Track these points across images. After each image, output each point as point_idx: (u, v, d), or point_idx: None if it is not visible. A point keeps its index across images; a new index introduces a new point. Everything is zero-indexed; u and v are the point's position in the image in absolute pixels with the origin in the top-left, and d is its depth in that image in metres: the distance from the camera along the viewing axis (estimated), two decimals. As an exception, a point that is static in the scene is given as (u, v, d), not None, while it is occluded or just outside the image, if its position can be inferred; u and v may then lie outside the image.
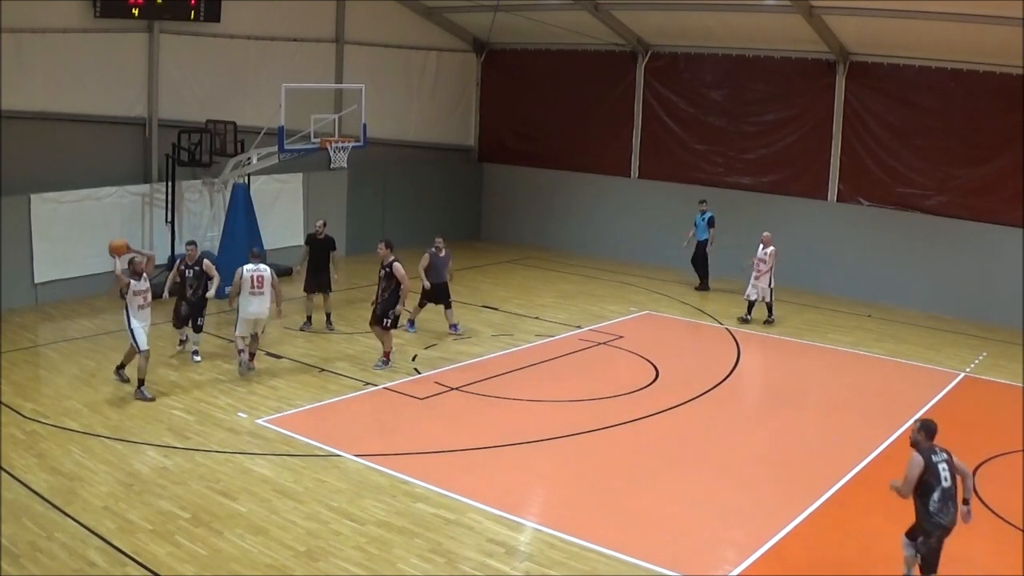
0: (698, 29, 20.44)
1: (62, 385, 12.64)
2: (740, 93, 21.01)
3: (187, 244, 14.22)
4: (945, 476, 7.62)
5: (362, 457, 10.47)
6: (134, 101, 18.29)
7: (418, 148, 23.99)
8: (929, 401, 13.17)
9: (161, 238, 18.22)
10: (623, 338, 15.89)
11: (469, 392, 12.91)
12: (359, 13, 21.88)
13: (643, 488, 10.06)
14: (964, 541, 8.89)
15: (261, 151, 17.49)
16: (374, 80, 20.73)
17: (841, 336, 16.45)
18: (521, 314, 17.34)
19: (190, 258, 13.77)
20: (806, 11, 17.80)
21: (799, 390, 13.94)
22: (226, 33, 19.22)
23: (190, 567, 7.96)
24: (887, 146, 19.26)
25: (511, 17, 21.09)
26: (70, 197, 16.99)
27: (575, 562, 8.34)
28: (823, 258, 19.84)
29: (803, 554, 8.73)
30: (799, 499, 9.74)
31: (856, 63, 19.47)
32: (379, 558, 8.29)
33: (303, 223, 20.79)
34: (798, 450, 11.47)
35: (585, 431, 11.55)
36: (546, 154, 23.87)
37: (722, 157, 21.40)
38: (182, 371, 13.35)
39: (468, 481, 9.95)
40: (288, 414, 11.81)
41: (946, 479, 7.61)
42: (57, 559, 7.99)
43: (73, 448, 10.43)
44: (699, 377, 13.79)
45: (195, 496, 9.34)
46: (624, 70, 22.60)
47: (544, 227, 23.98)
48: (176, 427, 11.21)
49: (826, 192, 20.13)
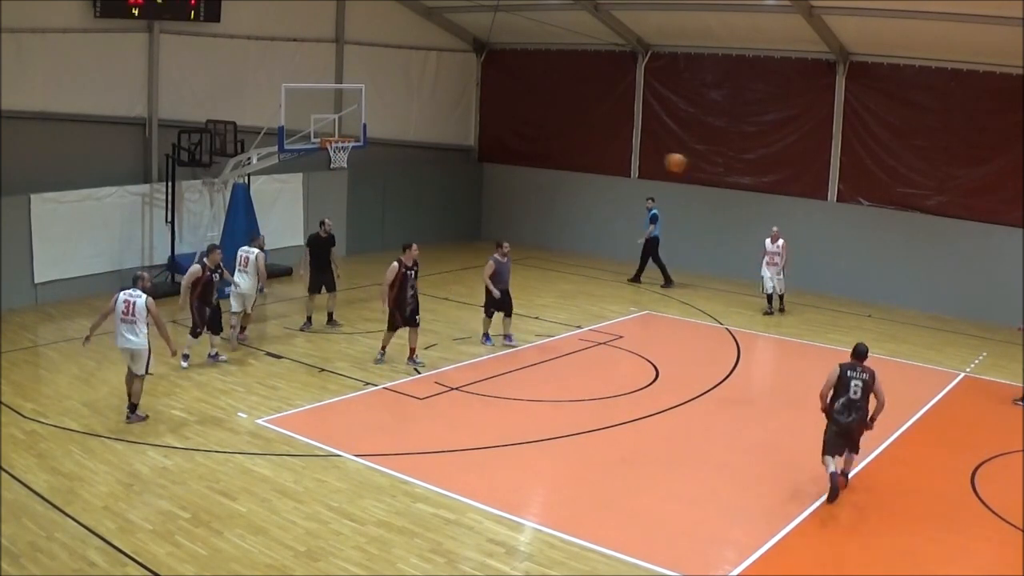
0: (698, 29, 20.44)
1: (62, 385, 12.64)
2: (740, 93, 21.01)
3: (212, 248, 13.69)
4: (855, 390, 9.88)
5: (362, 457, 10.47)
6: (134, 101, 18.29)
7: (418, 148, 23.99)
8: (929, 401, 13.17)
9: (161, 238, 18.22)
10: (623, 338, 15.89)
11: (469, 392, 12.91)
12: (359, 13, 21.88)
13: (643, 488, 10.06)
14: (964, 541, 8.90)
15: (261, 151, 17.48)
16: (374, 80, 20.73)
17: (841, 336, 16.44)
18: (521, 314, 17.29)
19: (213, 262, 13.39)
20: (806, 11, 17.79)
21: (799, 390, 13.91)
22: (226, 33, 19.22)
23: (190, 567, 7.96)
24: (887, 146, 19.26)
25: (511, 17, 21.09)
26: (70, 197, 16.99)
27: (575, 562, 8.34)
28: (823, 258, 19.83)
29: (803, 554, 8.73)
30: (799, 499, 9.74)
31: (856, 63, 19.47)
32: (379, 558, 8.29)
33: (303, 223, 20.79)
34: (798, 450, 11.45)
35: (585, 431, 11.55)
36: (546, 154, 23.87)
37: (722, 157, 21.40)
38: (182, 371, 13.35)
39: (468, 481, 9.95)
40: (288, 414, 11.81)
41: (855, 392, 9.87)
42: (57, 559, 7.99)
43: (73, 448, 10.43)
44: (699, 377, 13.79)
45: (195, 496, 9.34)
46: (624, 70, 22.60)
47: (544, 227, 23.97)
48: (176, 427, 11.20)
49: (826, 192, 20.13)
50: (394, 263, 13.63)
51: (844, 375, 9.95)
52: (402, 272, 13.55)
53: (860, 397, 9.87)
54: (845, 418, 9.92)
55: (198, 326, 13.43)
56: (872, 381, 9.90)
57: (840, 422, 9.94)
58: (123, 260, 17.87)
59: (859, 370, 9.95)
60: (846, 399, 9.92)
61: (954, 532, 8.97)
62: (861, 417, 9.93)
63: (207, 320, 13.46)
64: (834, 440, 9.95)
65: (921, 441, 11.72)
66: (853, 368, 9.96)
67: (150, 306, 11.13)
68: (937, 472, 10.73)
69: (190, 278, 13.27)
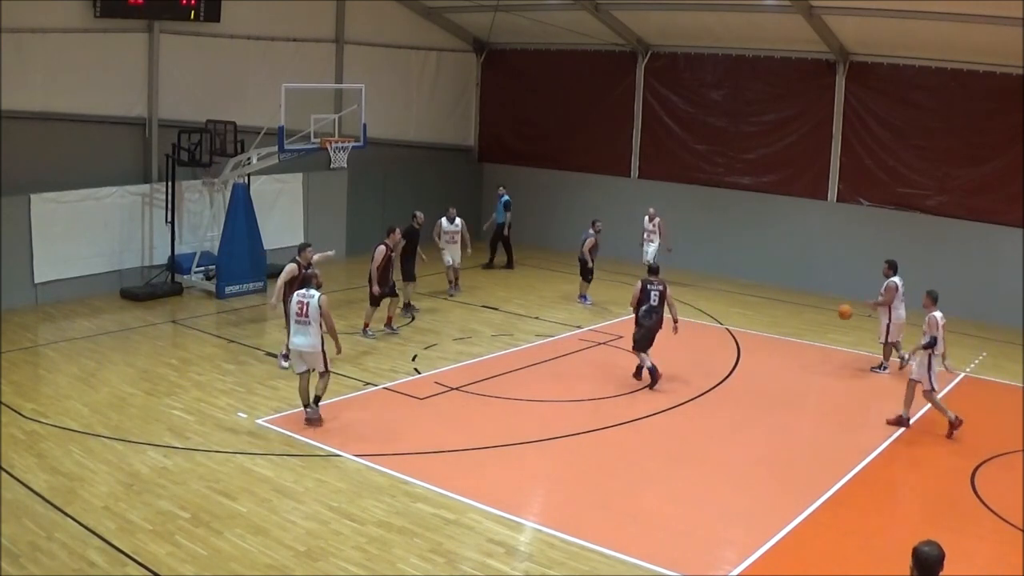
0: (698, 29, 20.43)
1: (62, 385, 12.64)
2: (740, 93, 21.01)
3: (304, 246, 13.50)
4: (653, 298, 13.09)
5: (362, 457, 10.47)
6: (134, 101, 18.27)
7: (418, 148, 23.98)
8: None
9: (161, 238, 18.22)
10: (623, 338, 15.88)
11: (469, 392, 12.92)
12: (359, 13, 21.87)
13: (643, 488, 10.06)
14: (964, 541, 8.90)
15: (261, 151, 17.48)
16: (374, 80, 20.71)
17: (841, 336, 16.44)
18: (521, 314, 17.33)
19: (305, 259, 13.20)
20: (806, 11, 17.79)
21: (799, 390, 13.93)
22: (226, 33, 19.21)
23: (190, 567, 7.96)
24: (887, 146, 19.26)
25: (511, 17, 21.09)
26: (70, 197, 16.98)
27: (575, 562, 8.34)
28: (823, 258, 19.83)
29: (803, 554, 8.73)
30: (799, 499, 9.74)
31: (856, 63, 19.46)
32: (379, 558, 8.29)
33: (303, 223, 20.80)
34: (798, 450, 11.47)
35: (585, 431, 11.55)
36: (546, 154, 23.87)
37: (722, 157, 21.40)
38: (182, 371, 13.36)
39: (468, 481, 9.95)
40: (288, 414, 11.80)
41: (653, 300, 13.09)
42: (57, 559, 7.99)
43: (73, 448, 10.43)
44: (699, 377, 13.79)
45: (195, 496, 9.34)
46: (624, 70, 22.60)
47: (544, 227, 23.96)
48: (176, 427, 11.21)
49: (826, 192, 20.13)
50: (381, 246, 15.33)
51: (645, 288, 13.15)
52: (388, 254, 15.33)
53: (657, 304, 13.05)
54: (648, 321, 13.04)
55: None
56: (665, 290, 13.08)
57: (644, 324, 13.06)
58: (123, 260, 17.88)
59: (655, 283, 13.17)
60: (647, 306, 13.07)
61: (954, 532, 8.96)
62: (658, 319, 13.05)
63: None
64: (641, 339, 13.11)
65: (921, 441, 11.71)
66: (651, 282, 13.21)
67: (323, 305, 11.11)
68: (937, 472, 10.74)
69: (287, 275, 13.01)
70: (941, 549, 5.52)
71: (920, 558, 5.51)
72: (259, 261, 18.32)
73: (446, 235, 18.32)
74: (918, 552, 5.53)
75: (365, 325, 15.41)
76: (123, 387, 12.57)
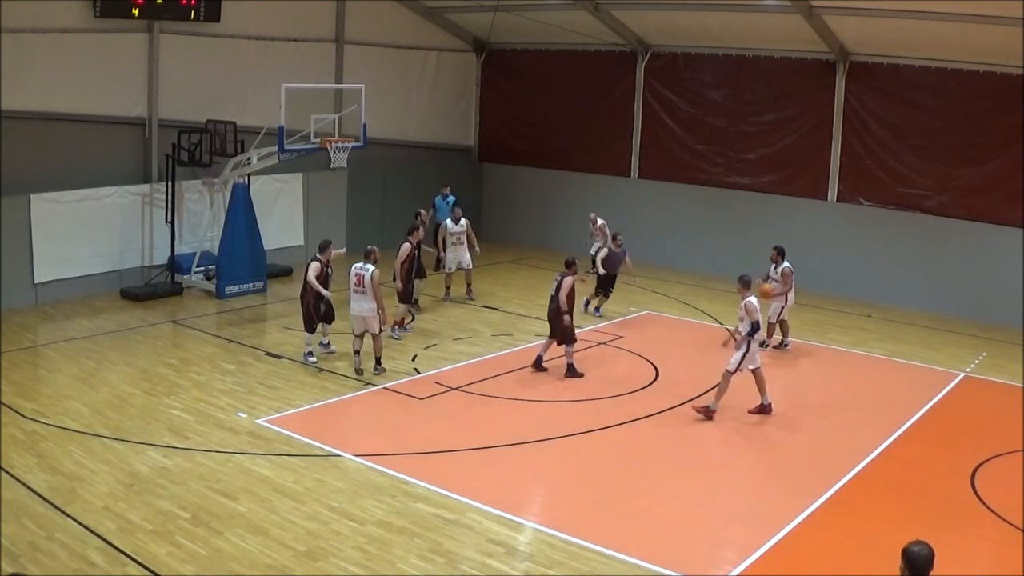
0: (698, 29, 20.43)
1: (62, 385, 12.64)
2: (740, 93, 21.01)
3: (326, 243, 13.96)
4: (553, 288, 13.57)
5: (362, 457, 10.47)
6: (134, 101, 18.27)
7: (418, 148, 23.98)
8: (929, 401, 13.18)
9: (161, 238, 18.21)
10: (623, 338, 15.89)
11: (469, 392, 12.92)
12: (359, 13, 21.86)
13: (643, 488, 10.06)
14: (964, 541, 8.91)
15: (261, 151, 17.48)
16: (374, 80, 20.71)
17: (841, 336, 16.45)
18: (521, 314, 17.33)
19: (326, 257, 13.73)
20: (806, 11, 17.79)
21: (799, 390, 13.93)
22: (226, 33, 19.21)
23: (190, 567, 7.96)
24: (887, 146, 19.26)
25: (511, 17, 21.09)
26: (70, 197, 16.98)
27: (575, 562, 8.34)
28: (823, 258, 19.81)
29: (803, 554, 8.73)
30: (799, 499, 9.74)
31: (856, 63, 19.46)
32: (379, 558, 8.29)
33: (303, 223, 20.80)
34: (798, 450, 11.47)
35: (585, 431, 11.55)
36: (546, 154, 23.87)
37: (722, 157, 21.40)
38: (182, 371, 13.36)
39: (468, 481, 9.95)
40: (288, 414, 11.81)
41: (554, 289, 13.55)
42: (57, 559, 7.99)
43: (73, 448, 10.44)
44: (699, 377, 13.78)
45: (195, 496, 9.35)
46: (624, 70, 22.60)
47: (544, 227, 23.96)
48: (176, 427, 11.21)
49: (826, 192, 20.13)
50: (406, 243, 15.45)
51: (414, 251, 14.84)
52: (412, 251, 15.48)
53: (555, 292, 13.53)
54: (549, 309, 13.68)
55: (314, 322, 13.89)
56: (563, 281, 13.55)
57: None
58: (123, 260, 17.87)
59: (559, 274, 13.69)
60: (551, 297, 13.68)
61: (954, 532, 8.97)
62: (555, 308, 13.48)
63: (322, 315, 13.87)
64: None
65: (921, 441, 11.72)
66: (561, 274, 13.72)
67: (374, 277, 13.09)
68: (937, 472, 10.73)
69: (314, 273, 13.65)
70: (931, 548, 5.43)
71: (910, 558, 5.44)
72: (259, 261, 18.30)
73: (452, 237, 17.93)
74: (908, 552, 5.46)
75: (396, 323, 15.38)
76: (123, 387, 12.57)
